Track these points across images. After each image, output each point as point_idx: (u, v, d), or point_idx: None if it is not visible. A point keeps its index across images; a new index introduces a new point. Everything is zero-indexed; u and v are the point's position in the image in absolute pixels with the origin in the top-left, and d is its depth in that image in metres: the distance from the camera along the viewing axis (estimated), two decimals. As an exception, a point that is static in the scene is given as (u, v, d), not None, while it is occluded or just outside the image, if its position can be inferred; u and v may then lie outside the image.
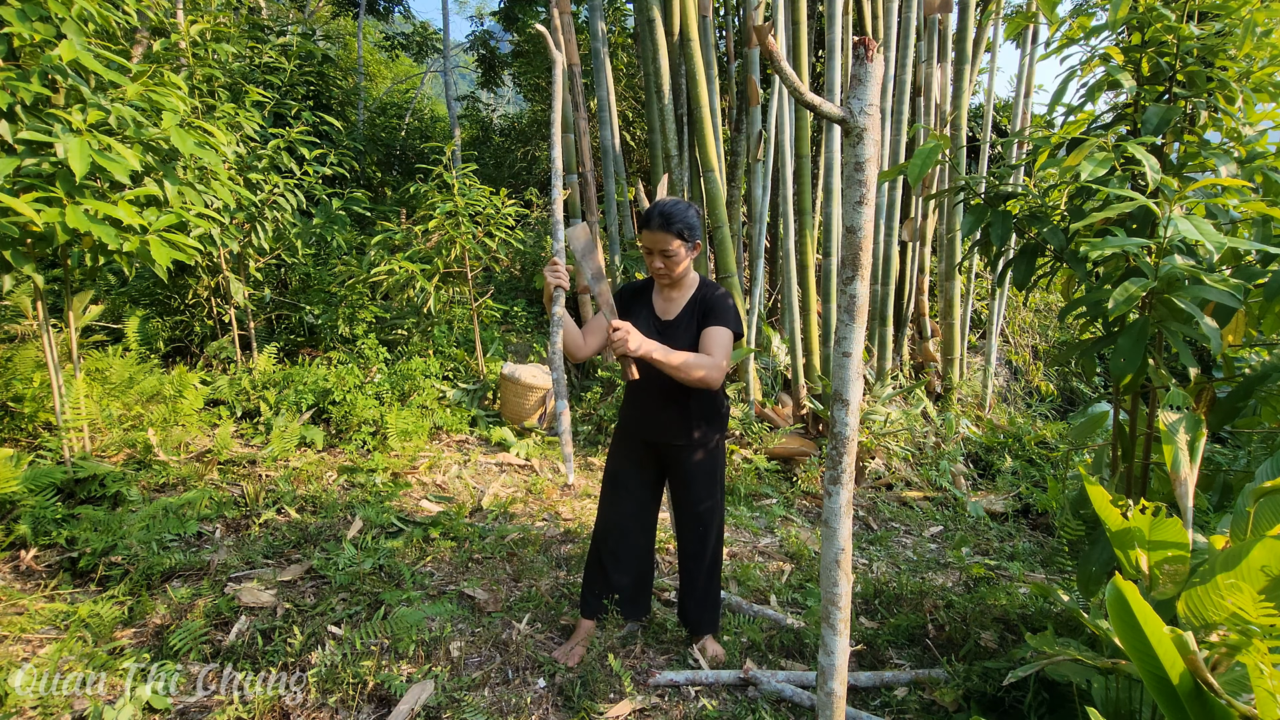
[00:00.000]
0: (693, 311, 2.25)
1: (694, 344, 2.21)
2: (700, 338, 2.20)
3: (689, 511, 2.37)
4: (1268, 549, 1.42)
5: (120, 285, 4.79)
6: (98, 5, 2.70)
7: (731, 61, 6.97)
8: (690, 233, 2.16)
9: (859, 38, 1.39)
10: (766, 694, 2.26)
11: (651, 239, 2.16)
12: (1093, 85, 2.39)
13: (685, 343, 2.20)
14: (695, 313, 2.24)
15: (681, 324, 2.25)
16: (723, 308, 2.20)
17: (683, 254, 2.18)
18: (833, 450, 1.54)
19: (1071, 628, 2.45)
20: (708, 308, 2.22)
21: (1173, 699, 1.37)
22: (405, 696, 2.11)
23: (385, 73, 13.17)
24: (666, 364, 2.02)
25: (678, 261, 2.18)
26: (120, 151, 2.58)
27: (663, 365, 2.02)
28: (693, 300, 2.26)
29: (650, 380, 2.24)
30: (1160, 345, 2.19)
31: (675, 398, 2.26)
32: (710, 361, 2.10)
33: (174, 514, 3.03)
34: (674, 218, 2.14)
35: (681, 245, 2.16)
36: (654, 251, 2.17)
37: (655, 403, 2.29)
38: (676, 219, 2.14)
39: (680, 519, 2.43)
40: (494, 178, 8.80)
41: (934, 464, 5.05)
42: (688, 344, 2.20)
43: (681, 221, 2.14)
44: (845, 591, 1.58)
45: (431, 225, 4.97)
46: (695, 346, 2.20)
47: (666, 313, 2.28)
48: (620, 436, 2.44)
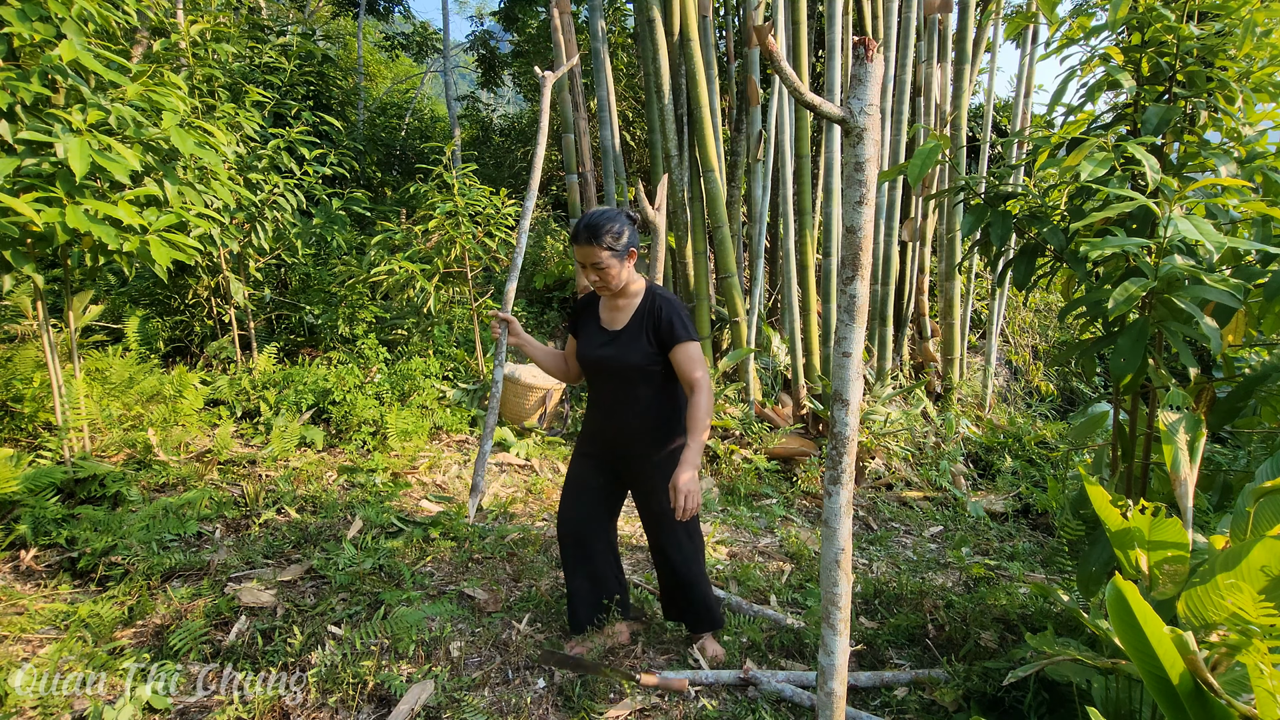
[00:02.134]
0: (641, 322, 2.18)
1: (645, 355, 2.16)
2: (673, 363, 2.16)
3: (656, 516, 2.30)
4: (1268, 549, 1.42)
5: (120, 285, 4.79)
6: (98, 5, 2.70)
7: (731, 61, 6.97)
8: (619, 241, 2.09)
9: (859, 38, 1.39)
10: (766, 694, 2.26)
11: (581, 253, 2.10)
12: (1093, 85, 2.39)
13: (636, 354, 2.16)
14: (645, 324, 2.18)
15: (630, 334, 2.19)
16: (675, 320, 2.14)
17: (615, 265, 2.11)
18: (833, 450, 1.54)
19: (1071, 628, 2.45)
20: (659, 321, 2.15)
21: (1173, 699, 1.37)
22: (405, 696, 2.11)
23: (385, 73, 13.17)
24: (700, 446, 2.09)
25: (611, 274, 2.12)
26: (120, 151, 2.58)
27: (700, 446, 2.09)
28: (640, 310, 2.20)
29: (612, 391, 2.23)
30: (1160, 345, 2.19)
31: (636, 407, 2.22)
32: (699, 398, 2.09)
33: (174, 514, 3.03)
34: (600, 229, 2.07)
35: (611, 256, 2.09)
36: (586, 265, 2.12)
37: (617, 412, 2.25)
38: (603, 230, 2.07)
39: (648, 524, 2.36)
40: (494, 178, 8.80)
41: (934, 464, 5.05)
42: (639, 355, 2.16)
43: (609, 232, 2.07)
44: (845, 591, 1.58)
45: (431, 225, 4.97)
46: (646, 357, 2.16)
47: (614, 323, 2.24)
48: (582, 442, 2.41)
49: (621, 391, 2.22)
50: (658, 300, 2.18)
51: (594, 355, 2.23)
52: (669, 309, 2.15)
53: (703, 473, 4.53)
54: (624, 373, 2.19)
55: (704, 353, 5.23)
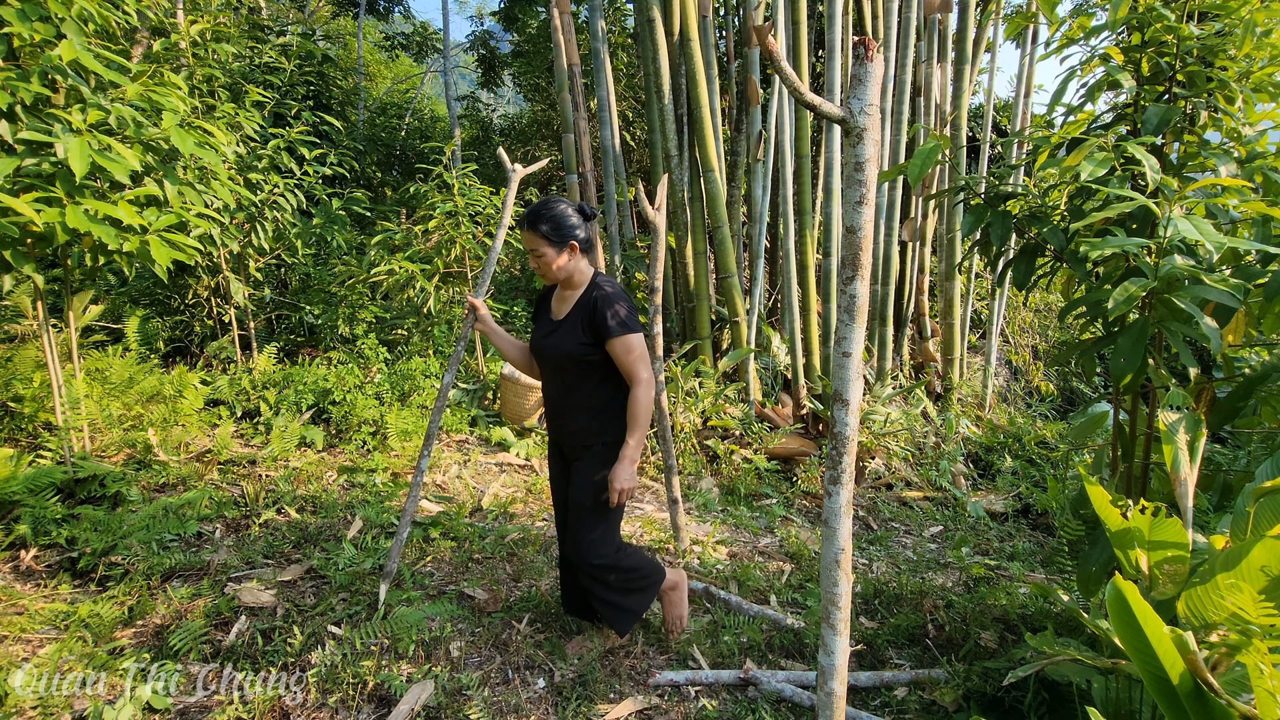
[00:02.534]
0: (579, 313, 2.19)
1: (579, 345, 2.15)
2: (611, 357, 2.16)
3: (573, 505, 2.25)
4: (1268, 549, 1.42)
5: (120, 285, 4.79)
6: (98, 5, 2.70)
7: (731, 61, 6.97)
8: (557, 232, 2.11)
9: (859, 38, 1.39)
10: (766, 694, 2.26)
11: (523, 238, 2.15)
12: (1093, 85, 2.39)
13: (570, 343, 2.17)
14: (581, 314, 2.18)
15: (567, 324, 2.21)
16: (609, 312, 2.12)
17: (550, 254, 2.13)
18: (833, 450, 1.54)
19: (1071, 628, 2.45)
20: (593, 311, 2.14)
21: (1173, 699, 1.37)
22: (405, 696, 2.11)
23: (385, 73, 13.17)
24: (639, 442, 2.11)
25: (547, 262, 2.14)
26: (120, 151, 2.58)
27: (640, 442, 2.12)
28: (580, 301, 2.20)
29: (553, 380, 2.26)
30: (1160, 345, 2.19)
31: (573, 397, 2.23)
32: (637, 392, 2.11)
33: (174, 514, 3.03)
34: (539, 217, 2.10)
35: (547, 245, 2.11)
36: (528, 251, 2.17)
37: (559, 401, 2.27)
38: (540, 219, 2.10)
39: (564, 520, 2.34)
40: (494, 178, 8.81)
41: (934, 464, 5.05)
42: (572, 344, 2.16)
43: (546, 221, 2.10)
44: (845, 591, 1.58)
45: (431, 225, 4.98)
46: (580, 347, 2.16)
47: (559, 313, 2.26)
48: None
49: (561, 381, 2.24)
50: (595, 292, 2.18)
51: (537, 344, 2.29)
52: (604, 301, 2.14)
53: (703, 472, 4.53)
54: (559, 362, 2.21)
55: (706, 352, 5.23)
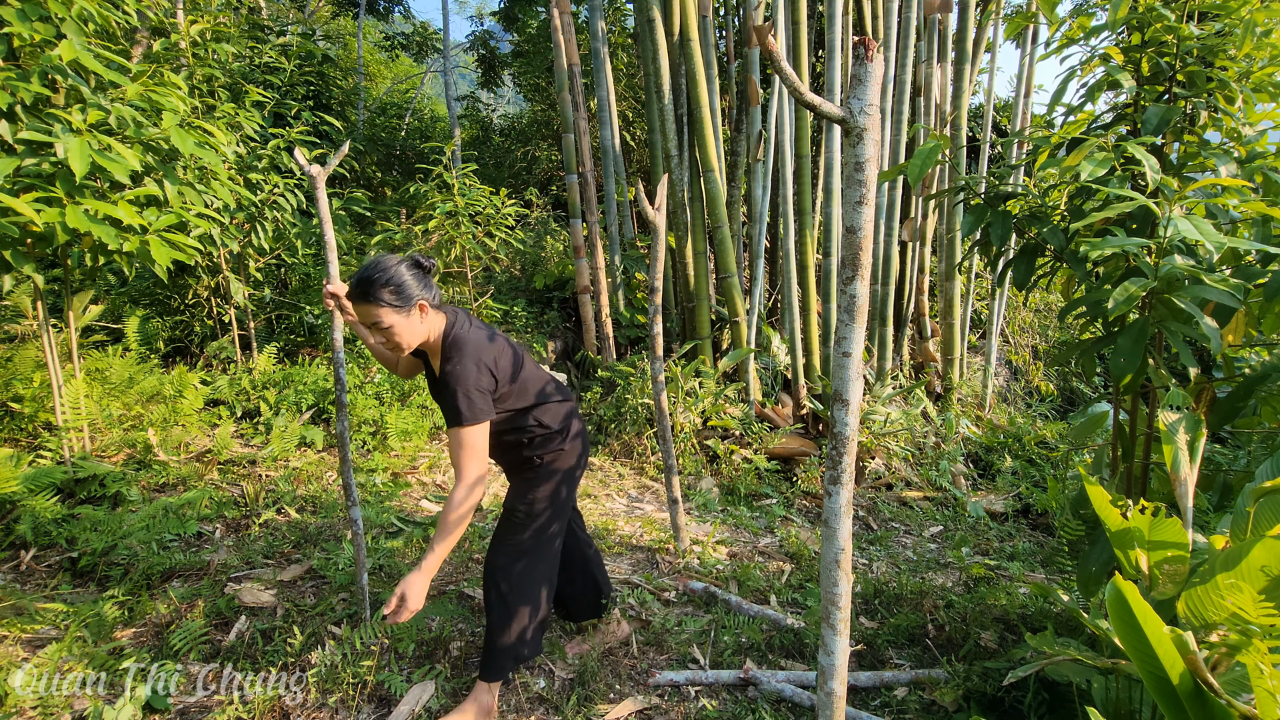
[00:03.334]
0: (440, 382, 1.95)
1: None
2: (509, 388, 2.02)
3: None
4: (1268, 549, 1.42)
5: (120, 285, 4.79)
6: (98, 5, 2.70)
7: (731, 61, 6.97)
8: (399, 295, 1.82)
9: (859, 38, 1.39)
10: (766, 694, 2.26)
11: (360, 314, 1.87)
12: (1093, 85, 2.39)
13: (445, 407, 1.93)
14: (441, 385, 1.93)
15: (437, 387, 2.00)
16: (452, 394, 1.85)
17: (400, 322, 1.84)
18: (833, 450, 1.54)
19: (1071, 628, 2.45)
20: (443, 388, 1.88)
21: (1173, 699, 1.37)
22: (405, 697, 2.11)
23: (385, 73, 13.17)
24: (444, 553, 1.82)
25: (397, 332, 1.85)
26: (120, 151, 2.58)
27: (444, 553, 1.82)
28: (440, 368, 1.95)
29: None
30: (1160, 345, 2.19)
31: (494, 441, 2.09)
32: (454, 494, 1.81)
33: (174, 514, 3.03)
34: (372, 285, 1.80)
35: (392, 313, 1.82)
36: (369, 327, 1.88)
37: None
38: (376, 285, 1.80)
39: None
40: (494, 178, 8.81)
41: (934, 464, 5.05)
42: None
43: (384, 286, 1.80)
44: (845, 591, 1.58)
45: (431, 225, 4.97)
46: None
47: (435, 366, 2.03)
48: None
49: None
50: (447, 365, 1.89)
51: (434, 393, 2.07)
52: (450, 380, 1.86)
53: (703, 473, 4.53)
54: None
55: (706, 352, 5.23)
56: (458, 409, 1.84)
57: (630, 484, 4.32)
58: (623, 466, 4.54)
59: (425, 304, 1.88)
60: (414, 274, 1.87)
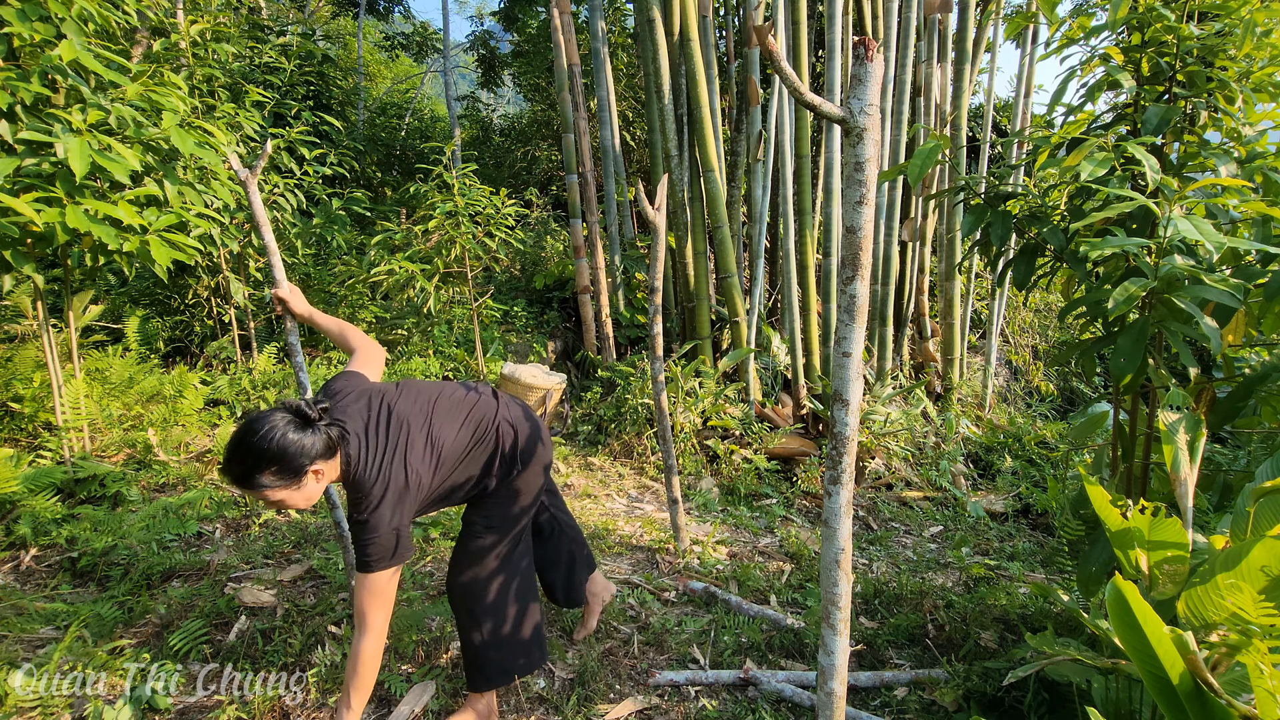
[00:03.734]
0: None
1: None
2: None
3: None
4: (1268, 549, 1.42)
5: (120, 285, 4.79)
6: (98, 5, 2.70)
7: (731, 61, 6.97)
8: (282, 473, 1.56)
9: (859, 38, 1.39)
10: (766, 694, 2.26)
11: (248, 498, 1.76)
12: (1093, 85, 2.39)
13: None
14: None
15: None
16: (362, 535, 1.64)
17: (291, 493, 1.60)
18: (833, 450, 1.54)
19: (1071, 628, 2.45)
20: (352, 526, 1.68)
21: (1173, 699, 1.37)
22: (405, 697, 2.11)
23: (385, 73, 13.17)
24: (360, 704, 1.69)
25: (292, 504, 1.63)
26: (120, 151, 2.58)
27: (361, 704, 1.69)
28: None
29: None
30: (1160, 345, 2.19)
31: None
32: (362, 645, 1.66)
33: (174, 514, 3.03)
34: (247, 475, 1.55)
35: (281, 488, 1.58)
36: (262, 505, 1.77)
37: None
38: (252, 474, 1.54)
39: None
40: (494, 178, 8.80)
41: (934, 464, 5.04)
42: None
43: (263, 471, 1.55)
44: (845, 591, 1.58)
45: (431, 225, 4.97)
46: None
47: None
48: None
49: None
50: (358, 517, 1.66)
51: None
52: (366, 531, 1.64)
53: (703, 472, 4.53)
54: None
55: (706, 352, 5.23)
56: (368, 557, 1.63)
57: (630, 484, 4.32)
58: (623, 466, 4.54)
59: (319, 471, 1.61)
60: (297, 436, 1.57)
